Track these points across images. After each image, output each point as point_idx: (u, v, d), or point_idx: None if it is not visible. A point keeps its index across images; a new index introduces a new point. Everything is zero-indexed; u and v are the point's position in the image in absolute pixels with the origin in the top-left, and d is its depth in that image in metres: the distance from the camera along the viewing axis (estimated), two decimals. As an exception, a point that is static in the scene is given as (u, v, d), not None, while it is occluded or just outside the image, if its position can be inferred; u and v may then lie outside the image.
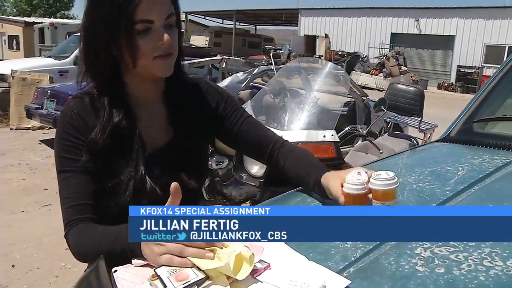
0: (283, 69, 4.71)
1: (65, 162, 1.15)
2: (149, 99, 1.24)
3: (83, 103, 1.18)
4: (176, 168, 1.22)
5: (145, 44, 1.10)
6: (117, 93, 1.18)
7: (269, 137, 1.35)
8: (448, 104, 13.98)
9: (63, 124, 1.17)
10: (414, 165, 1.59)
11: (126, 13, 1.07)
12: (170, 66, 1.17)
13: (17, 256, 3.69)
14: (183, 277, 0.84)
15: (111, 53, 1.13)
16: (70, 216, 1.12)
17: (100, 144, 1.14)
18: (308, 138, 3.34)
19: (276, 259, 0.90)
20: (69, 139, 1.15)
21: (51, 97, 7.31)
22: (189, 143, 1.25)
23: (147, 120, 1.22)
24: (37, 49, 17.28)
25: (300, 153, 1.34)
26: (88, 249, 1.06)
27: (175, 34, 1.15)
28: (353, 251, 0.94)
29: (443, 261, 0.88)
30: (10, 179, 5.74)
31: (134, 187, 1.15)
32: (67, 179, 1.14)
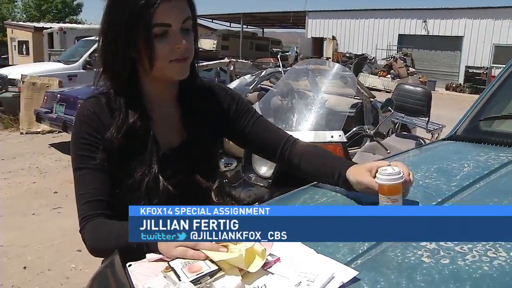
0: (291, 71, 4.73)
1: (81, 159, 1.18)
2: (164, 101, 1.28)
3: (99, 103, 1.22)
4: (189, 169, 1.26)
5: (162, 47, 1.13)
6: (133, 94, 1.21)
7: (280, 136, 1.37)
8: (456, 105, 13.93)
9: (80, 122, 1.20)
10: (420, 162, 1.61)
11: (144, 16, 1.10)
12: (186, 70, 1.20)
13: (28, 257, 3.74)
14: (196, 269, 0.86)
15: (129, 55, 1.16)
16: (86, 211, 1.15)
17: (115, 143, 1.17)
18: (316, 139, 3.36)
19: (285, 252, 0.93)
20: (86, 137, 1.18)
21: (61, 101, 7.38)
22: (201, 144, 1.28)
23: (161, 121, 1.25)
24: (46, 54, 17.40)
25: (316, 149, 1.36)
26: (104, 244, 1.09)
27: (191, 38, 1.18)
28: (360, 244, 0.97)
29: (448, 252, 0.91)
30: (21, 182, 5.81)
31: (147, 186, 1.18)
32: (83, 176, 1.17)
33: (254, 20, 36.05)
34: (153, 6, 1.10)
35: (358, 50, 25.37)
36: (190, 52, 1.18)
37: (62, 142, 7.98)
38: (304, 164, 1.32)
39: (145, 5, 1.10)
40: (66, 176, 5.98)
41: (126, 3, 1.12)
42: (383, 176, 1.01)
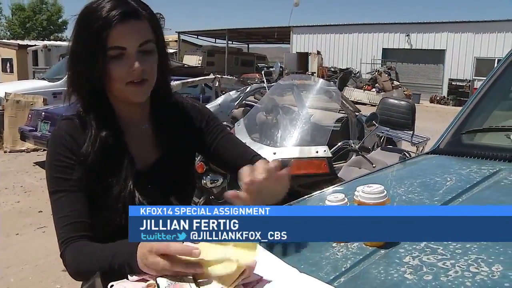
0: (275, 86, 4.76)
1: (57, 182, 1.17)
2: (136, 120, 1.28)
3: (73, 124, 1.22)
4: (166, 186, 1.26)
5: (117, 69, 1.14)
6: (102, 111, 1.22)
7: (242, 154, 1.35)
8: (441, 118, 14.09)
9: (55, 145, 1.20)
10: (404, 177, 1.62)
11: (100, 39, 1.11)
12: (143, 93, 1.20)
13: (11, 279, 3.67)
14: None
15: (91, 75, 1.16)
16: (66, 234, 1.13)
17: (90, 159, 1.17)
18: (301, 154, 3.37)
19: (267, 272, 0.92)
20: (61, 159, 1.17)
21: (45, 119, 7.33)
22: (177, 161, 1.29)
23: (135, 139, 1.26)
24: (30, 72, 17.32)
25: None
26: (86, 267, 1.07)
27: (151, 60, 1.18)
28: (343, 261, 0.97)
29: (431, 268, 0.91)
30: (4, 201, 5.73)
31: (124, 202, 1.17)
32: (61, 198, 1.16)
33: (239, 36, 36.26)
34: (109, 28, 1.11)
35: (343, 65, 25.61)
36: (148, 75, 1.17)
37: (46, 160, 7.89)
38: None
39: (102, 27, 1.11)
40: (50, 195, 5.90)
41: (87, 24, 1.14)
42: (366, 195, 1.01)
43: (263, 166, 1.08)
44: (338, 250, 1.02)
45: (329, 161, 3.40)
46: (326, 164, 3.36)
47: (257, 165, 1.10)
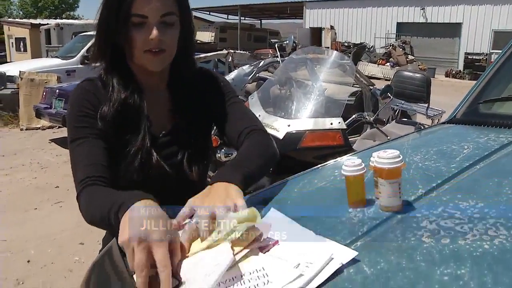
0: (289, 60, 4.71)
1: (78, 131, 1.20)
2: (154, 87, 1.31)
3: (94, 84, 1.27)
4: (180, 155, 1.29)
5: (137, 36, 1.18)
6: (123, 75, 1.26)
7: (242, 124, 1.33)
8: (456, 92, 13.88)
9: (77, 98, 1.24)
10: (419, 145, 1.60)
11: (125, 6, 1.15)
12: (159, 62, 1.22)
13: (32, 252, 3.75)
14: None
15: (115, 40, 1.21)
16: (82, 175, 1.13)
17: (109, 118, 1.21)
18: (315, 126, 3.35)
19: (284, 234, 0.92)
20: (83, 110, 1.22)
21: (59, 96, 7.38)
22: (191, 129, 1.31)
23: (153, 106, 1.29)
24: (44, 50, 17.38)
25: (243, 151, 1.27)
26: (94, 212, 1.08)
27: (171, 32, 1.21)
28: (360, 226, 0.96)
29: (448, 232, 0.90)
30: (22, 178, 5.82)
31: (141, 160, 1.21)
32: (80, 145, 1.19)
33: (252, 12, 35.87)
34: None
35: (357, 39, 25.26)
36: (167, 46, 1.20)
37: (62, 138, 7.98)
38: None
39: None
40: (67, 171, 5.95)
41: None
42: (382, 160, 1.00)
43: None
44: (355, 215, 1.02)
45: (343, 133, 3.38)
46: (341, 136, 3.34)
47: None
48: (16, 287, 3.24)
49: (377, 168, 1.01)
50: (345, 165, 1.04)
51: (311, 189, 1.25)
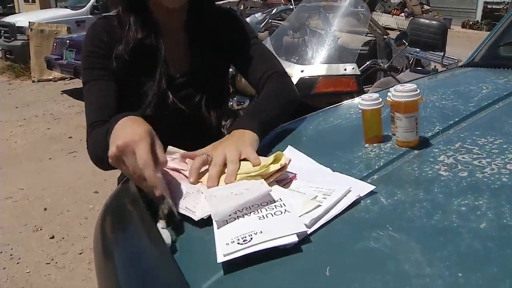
0: (302, 6, 4.60)
1: (90, 73, 1.19)
2: (172, 27, 1.27)
3: (110, 22, 1.23)
4: (197, 98, 1.25)
5: None
6: (142, 14, 1.20)
7: (263, 67, 1.30)
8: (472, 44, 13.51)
9: (91, 38, 1.21)
10: (437, 86, 1.57)
11: None
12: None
13: (48, 200, 3.83)
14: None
15: None
16: (91, 119, 1.15)
17: (125, 57, 1.17)
18: (329, 72, 3.31)
19: (301, 170, 0.92)
20: (96, 51, 1.19)
21: (70, 47, 7.32)
22: (209, 72, 1.27)
23: (170, 47, 1.24)
24: (52, 0, 17.14)
25: (264, 96, 1.25)
26: (95, 148, 1.11)
27: None
28: (376, 160, 0.96)
29: (466, 166, 0.89)
30: (36, 129, 5.87)
31: (157, 100, 1.19)
32: (92, 87, 1.18)
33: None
34: None
35: (371, -11, 24.54)
36: None
37: (74, 89, 7.99)
38: None
39: None
40: (79, 121, 6.02)
41: None
42: (399, 93, 0.98)
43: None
44: (371, 150, 1.01)
45: (357, 78, 3.33)
46: (355, 82, 3.30)
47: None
48: (34, 232, 3.33)
49: (394, 102, 0.99)
50: (362, 99, 1.02)
51: (327, 126, 1.24)
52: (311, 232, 0.73)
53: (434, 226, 0.71)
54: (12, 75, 9.30)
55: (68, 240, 3.20)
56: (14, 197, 3.90)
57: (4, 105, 7.12)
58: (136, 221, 0.93)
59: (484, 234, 0.67)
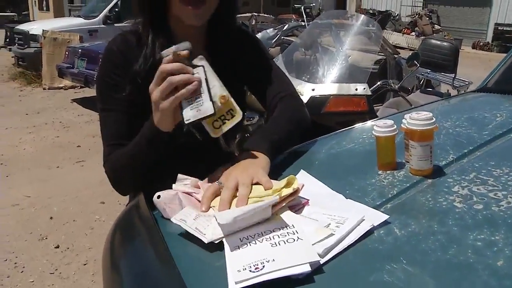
0: (314, 24, 4.62)
1: (106, 100, 1.17)
2: (192, 44, 1.24)
3: (126, 40, 1.20)
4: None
5: None
6: (161, 30, 1.17)
7: (276, 89, 1.29)
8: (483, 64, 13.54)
9: (106, 60, 1.19)
10: (450, 112, 1.56)
11: None
12: (198, 16, 1.13)
13: (54, 208, 3.83)
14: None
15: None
16: (107, 152, 1.17)
17: (141, 76, 1.14)
18: (340, 91, 3.30)
19: (314, 195, 0.91)
20: (112, 77, 1.17)
21: (82, 56, 7.38)
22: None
23: None
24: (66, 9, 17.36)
25: (274, 118, 1.25)
26: (121, 162, 1.12)
27: None
28: (390, 188, 0.95)
29: (482, 198, 0.88)
30: (45, 136, 5.90)
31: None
32: (108, 117, 1.17)
33: (276, -25, 35.14)
34: None
35: (382, 7, 24.61)
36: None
37: (84, 98, 8.04)
38: None
39: None
40: (88, 130, 6.06)
41: None
42: (414, 121, 0.97)
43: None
44: (384, 177, 1.00)
45: (368, 99, 3.32)
46: (365, 102, 3.29)
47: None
48: (40, 241, 3.32)
49: (409, 129, 0.98)
50: (376, 125, 1.02)
51: (339, 150, 1.23)
52: (324, 261, 0.72)
53: (449, 261, 0.70)
54: (23, 82, 9.38)
55: (73, 250, 3.20)
56: (21, 205, 3.90)
57: (15, 111, 7.18)
58: (145, 241, 0.93)
59: (501, 272, 0.66)
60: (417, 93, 4.35)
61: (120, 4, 10.32)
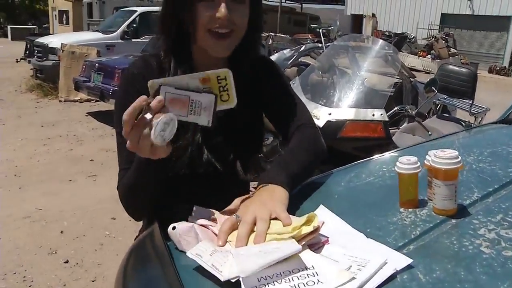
0: (332, 46, 4.61)
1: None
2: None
3: (147, 64, 1.17)
4: (233, 155, 1.21)
5: (202, 12, 1.05)
6: (183, 57, 1.15)
7: (293, 118, 1.26)
8: (499, 89, 13.47)
9: (126, 83, 1.16)
10: (472, 145, 1.53)
11: None
12: (225, 47, 1.10)
13: (65, 223, 3.83)
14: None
15: (179, 16, 1.09)
16: (120, 177, 1.14)
17: None
18: (357, 116, 3.27)
19: (334, 233, 0.88)
20: (132, 101, 1.14)
21: (99, 70, 7.46)
22: (246, 118, 1.23)
23: None
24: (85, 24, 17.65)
25: (293, 144, 1.22)
26: (126, 187, 1.10)
27: (242, 10, 1.08)
28: (412, 228, 0.91)
29: (510, 244, 0.84)
30: (59, 149, 5.94)
31: (191, 154, 1.14)
32: (124, 143, 1.14)
33: (293, -5, 35.48)
34: None
35: (398, 29, 24.64)
36: (235, 26, 1.07)
37: (99, 111, 8.10)
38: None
39: None
40: (102, 144, 6.08)
41: None
42: (439, 160, 0.94)
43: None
44: (406, 216, 0.96)
45: (385, 125, 3.28)
46: (382, 128, 3.25)
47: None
48: (49, 255, 3.31)
49: (433, 167, 0.95)
50: (399, 161, 0.98)
51: (358, 183, 1.19)
52: (345, 308, 0.69)
53: (478, 313, 0.66)
54: (40, 94, 9.50)
55: (82, 266, 3.18)
56: (32, 217, 3.91)
57: (31, 123, 7.25)
58: (159, 272, 0.90)
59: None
60: (434, 118, 4.31)
61: (138, 20, 10.47)
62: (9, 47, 18.80)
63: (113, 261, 3.26)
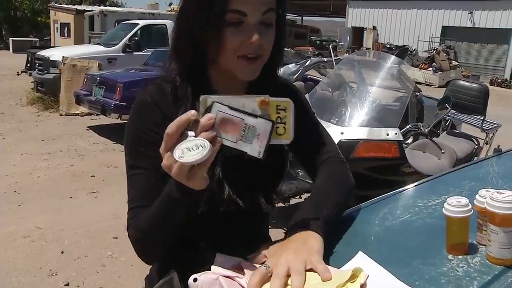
0: (343, 62, 4.53)
1: (135, 156, 1.03)
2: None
3: (161, 91, 1.06)
4: (255, 188, 1.11)
5: (232, 38, 0.96)
6: (201, 84, 1.04)
7: (319, 150, 1.17)
8: (501, 101, 13.43)
9: (141, 114, 1.05)
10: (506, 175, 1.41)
11: (218, 0, 0.94)
12: (254, 71, 1.02)
13: (65, 242, 3.72)
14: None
15: (197, 39, 1.00)
16: (131, 216, 1.02)
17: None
18: (370, 136, 3.17)
19: (378, 287, 0.77)
20: (146, 132, 1.02)
21: (100, 84, 7.38)
22: (270, 157, 1.11)
23: None
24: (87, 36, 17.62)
25: (322, 181, 1.13)
26: (143, 227, 0.97)
27: (270, 34, 1.00)
28: (467, 281, 0.80)
29: None
30: (59, 164, 5.83)
31: (210, 192, 1.02)
32: (137, 176, 1.02)
33: (293, 7, 35.56)
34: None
35: (399, 41, 24.67)
36: (264, 51, 1.00)
37: (100, 125, 8.02)
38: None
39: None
40: (103, 160, 5.98)
41: None
42: (497, 203, 0.82)
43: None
44: (457, 265, 0.85)
45: (399, 144, 3.18)
46: (397, 148, 3.14)
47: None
48: (49, 277, 3.21)
49: (488, 211, 0.84)
50: (448, 203, 0.87)
51: (394, 222, 1.08)
52: None
53: None
54: (41, 107, 9.43)
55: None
56: (32, 236, 3.80)
57: (31, 137, 7.16)
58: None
59: None
60: (444, 135, 4.22)
61: (140, 33, 10.43)
62: (10, 60, 18.82)
63: (115, 284, 3.15)
